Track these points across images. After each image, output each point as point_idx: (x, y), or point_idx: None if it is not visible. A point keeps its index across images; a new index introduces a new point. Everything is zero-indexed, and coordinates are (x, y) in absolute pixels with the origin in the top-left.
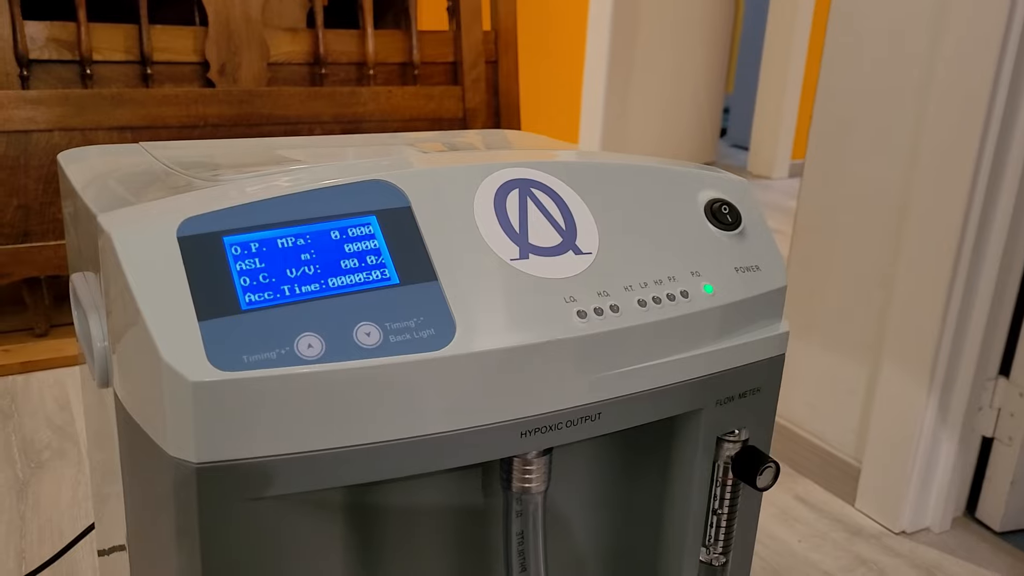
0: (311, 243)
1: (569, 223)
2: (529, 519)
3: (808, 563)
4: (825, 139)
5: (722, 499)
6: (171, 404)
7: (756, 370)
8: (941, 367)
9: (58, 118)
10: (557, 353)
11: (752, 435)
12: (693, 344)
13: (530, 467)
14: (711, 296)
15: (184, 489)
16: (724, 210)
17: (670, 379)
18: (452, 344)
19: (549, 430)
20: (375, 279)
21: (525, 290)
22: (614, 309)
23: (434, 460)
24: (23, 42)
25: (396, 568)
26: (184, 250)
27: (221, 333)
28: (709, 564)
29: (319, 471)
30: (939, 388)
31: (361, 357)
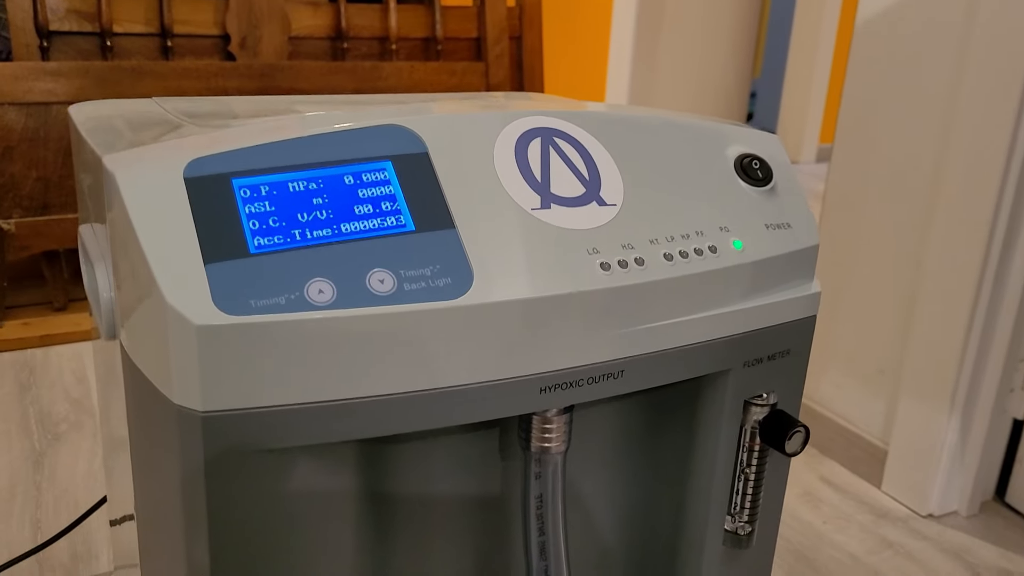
0: (323, 187)
1: (593, 174)
2: (548, 481)
3: (833, 545)
4: (855, 116)
5: (748, 465)
6: (176, 350)
7: (786, 331)
8: (972, 347)
9: (78, 90)
10: (579, 306)
11: (780, 399)
12: (721, 302)
13: (550, 426)
14: (740, 252)
15: (190, 439)
16: (755, 165)
17: (697, 338)
18: (469, 293)
19: (570, 387)
20: (390, 225)
21: (546, 240)
22: (639, 262)
23: (449, 415)
24: (43, 13)
25: (408, 530)
26: (191, 191)
27: (228, 276)
28: (734, 533)
29: (329, 423)
30: (970, 369)
31: (374, 304)
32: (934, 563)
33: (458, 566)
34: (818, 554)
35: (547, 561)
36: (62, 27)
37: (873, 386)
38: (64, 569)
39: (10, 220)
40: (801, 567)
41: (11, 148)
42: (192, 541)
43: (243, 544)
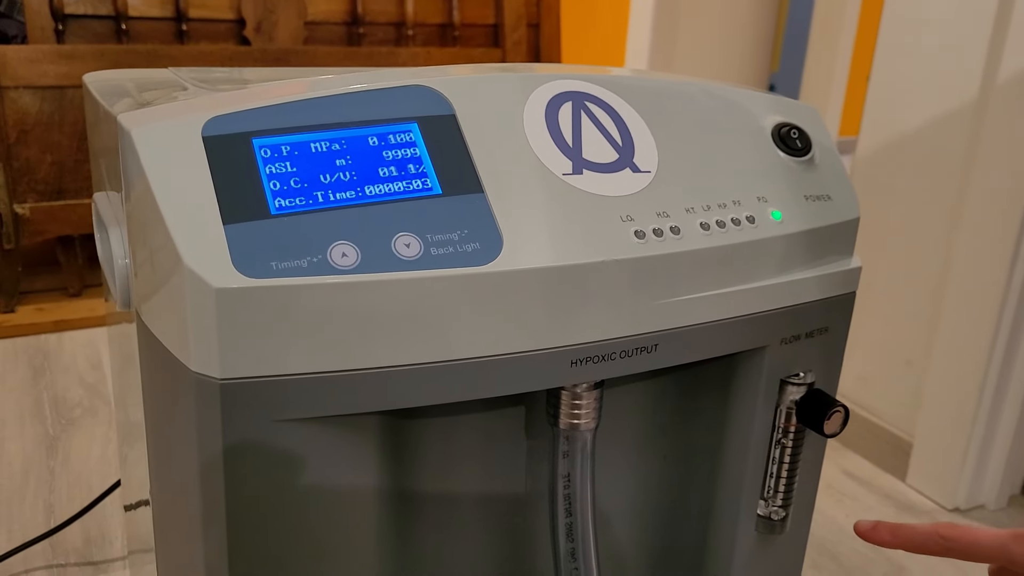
0: (346, 148)
1: (626, 140)
2: (577, 460)
3: (857, 539)
4: (883, 102)
5: (784, 447)
6: (194, 314)
7: (825, 308)
8: (1003, 336)
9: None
10: (612, 275)
11: (818, 379)
12: (758, 275)
13: (579, 402)
14: (779, 223)
15: (208, 409)
16: (793, 135)
17: (733, 312)
18: (498, 260)
19: (601, 360)
20: (416, 188)
21: (578, 207)
22: (674, 231)
23: (475, 387)
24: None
25: (430, 507)
26: (209, 150)
27: (248, 238)
28: (767, 518)
29: (351, 393)
30: (1000, 359)
31: (400, 269)
32: None
33: (481, 546)
34: (841, 547)
35: (574, 543)
36: (77, 10)
37: (899, 377)
38: (77, 553)
39: (25, 205)
40: (824, 560)
41: (26, 132)
42: (209, 515)
43: (261, 517)
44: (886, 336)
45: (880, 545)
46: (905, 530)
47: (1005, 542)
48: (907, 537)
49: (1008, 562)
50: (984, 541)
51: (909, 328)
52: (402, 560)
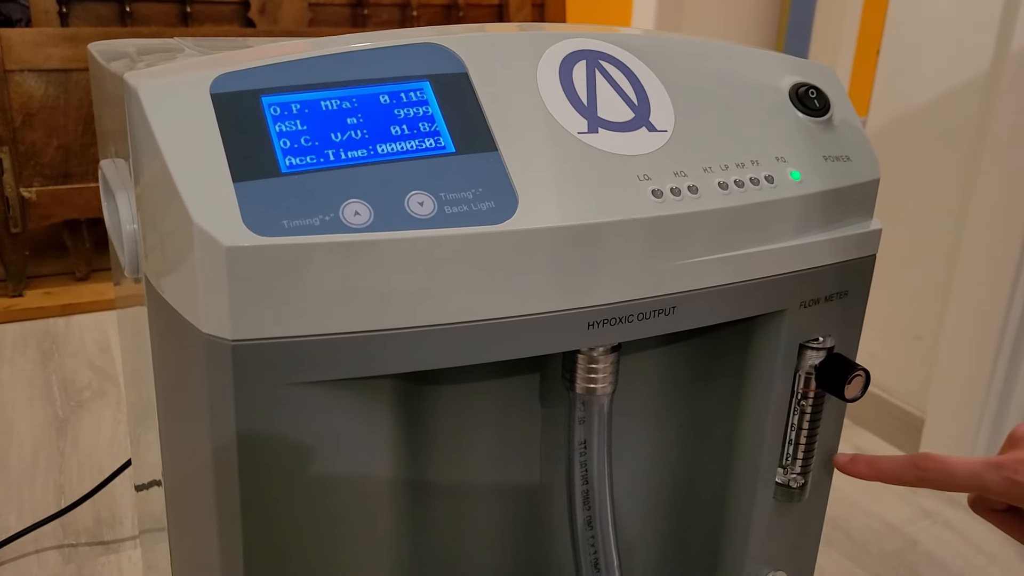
0: (357, 107)
1: (642, 99)
2: (593, 426)
3: (869, 514)
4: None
5: (803, 413)
6: (204, 274)
7: (844, 271)
8: (1016, 310)
9: None
10: (630, 234)
11: (837, 344)
12: (777, 236)
13: (596, 365)
14: (798, 184)
15: (219, 371)
16: (811, 95)
17: (752, 274)
18: (514, 218)
19: (619, 322)
20: (429, 147)
21: (594, 165)
22: (692, 190)
23: (491, 349)
24: None
25: (445, 474)
26: (218, 107)
27: (258, 196)
28: (786, 486)
29: (364, 355)
30: (1013, 333)
31: (414, 227)
32: (973, 532)
33: (497, 512)
34: (854, 522)
35: (591, 511)
36: None
37: (910, 353)
38: (88, 533)
39: (31, 189)
40: (837, 536)
41: (31, 116)
42: (222, 482)
43: (274, 483)
44: (897, 312)
45: (858, 477)
46: (882, 462)
47: (978, 471)
48: (884, 469)
49: (982, 490)
50: (958, 470)
51: (920, 304)
52: (417, 526)
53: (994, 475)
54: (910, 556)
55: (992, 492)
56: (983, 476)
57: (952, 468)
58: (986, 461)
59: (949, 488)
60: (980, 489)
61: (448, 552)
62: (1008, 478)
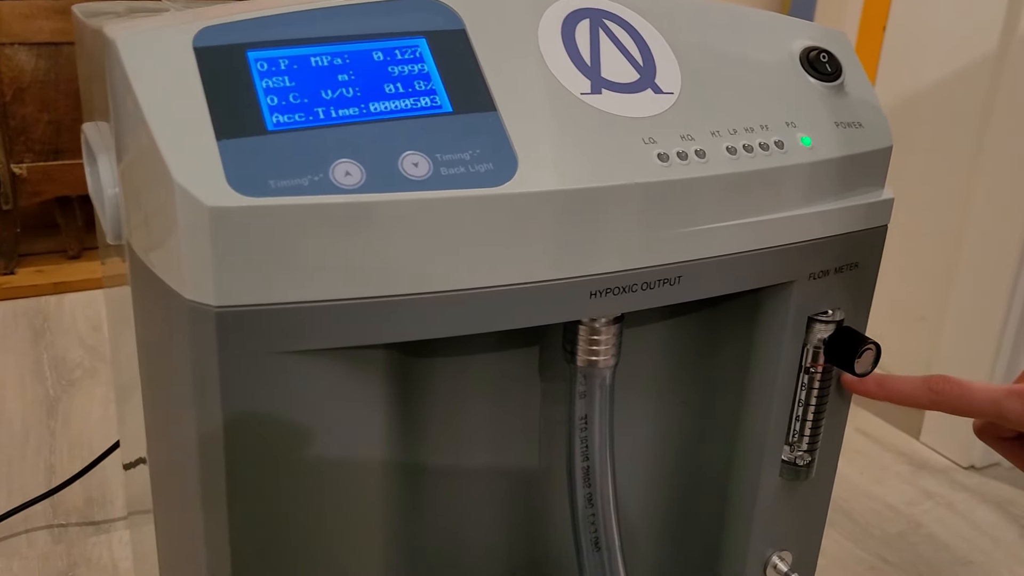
0: (349, 63)
1: (648, 60)
2: (595, 400)
3: (871, 496)
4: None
5: (811, 388)
6: (186, 236)
7: (855, 241)
8: (1020, 291)
9: None
10: (634, 199)
11: (847, 317)
12: (787, 204)
13: (598, 337)
14: (809, 150)
15: (204, 339)
16: (823, 59)
17: (760, 243)
18: (513, 181)
19: (622, 292)
20: (424, 106)
21: (598, 127)
22: (699, 154)
23: (489, 319)
24: None
25: (441, 449)
26: (201, 62)
27: (243, 154)
28: (792, 464)
29: (356, 323)
30: (1018, 314)
31: (407, 189)
32: (977, 514)
33: (494, 490)
34: (855, 504)
35: (591, 488)
36: None
37: (913, 333)
38: (78, 513)
39: (22, 165)
40: (839, 518)
41: (22, 90)
42: (207, 459)
43: (262, 459)
44: (900, 292)
45: (866, 396)
46: (894, 382)
47: (999, 397)
48: (895, 389)
49: (999, 418)
50: (978, 395)
51: (924, 284)
52: (411, 503)
53: (1015, 403)
54: (913, 538)
55: (1010, 421)
56: (1003, 403)
57: (970, 392)
58: (1008, 389)
59: (964, 413)
60: (997, 416)
61: (444, 529)
62: None
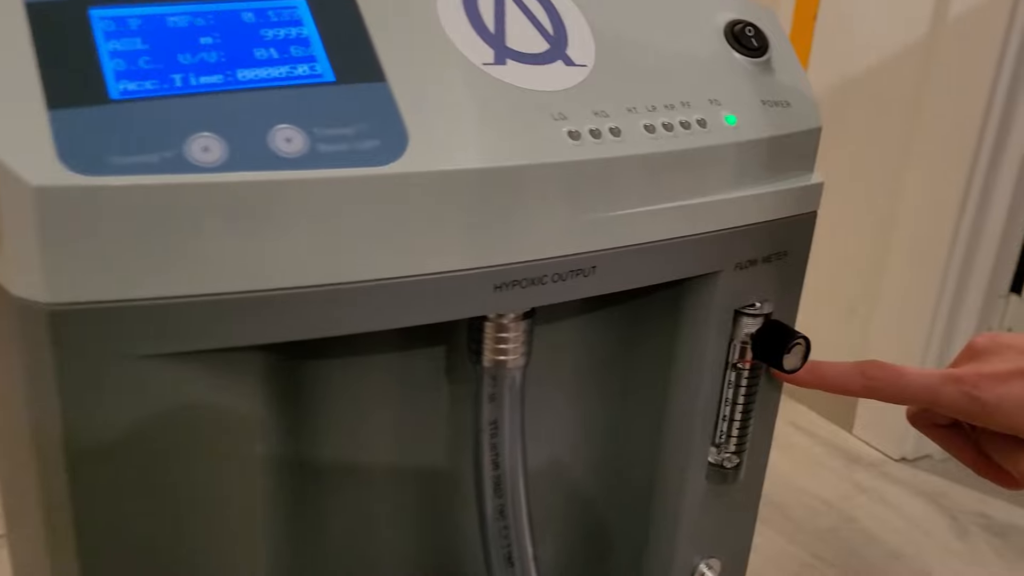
0: (214, 24)
1: (559, 29)
2: (504, 403)
3: (804, 491)
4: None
5: (738, 386)
6: (9, 221)
7: (783, 228)
8: (951, 283)
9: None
10: (542, 181)
11: (776, 310)
12: (710, 187)
13: (506, 334)
14: (734, 129)
15: (36, 342)
16: (748, 32)
17: (682, 230)
18: (403, 159)
19: (531, 284)
20: (302, 74)
21: (501, 101)
22: (614, 132)
23: (377, 316)
24: None
25: (338, 461)
26: (33, 20)
27: (80, 127)
28: (719, 466)
29: (219, 323)
30: (947, 306)
31: (278, 167)
32: (910, 508)
33: (398, 503)
34: (789, 500)
35: (503, 499)
36: None
37: (844, 326)
38: None
39: None
40: (772, 514)
41: None
42: (48, 481)
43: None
44: (831, 283)
45: (797, 384)
46: (825, 368)
47: (934, 383)
48: (826, 375)
49: (934, 404)
50: (912, 381)
51: (854, 275)
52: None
53: (951, 389)
54: (846, 533)
55: (946, 408)
56: (939, 390)
57: (904, 378)
58: (943, 374)
59: (898, 400)
60: (933, 404)
61: (344, 546)
62: (967, 393)
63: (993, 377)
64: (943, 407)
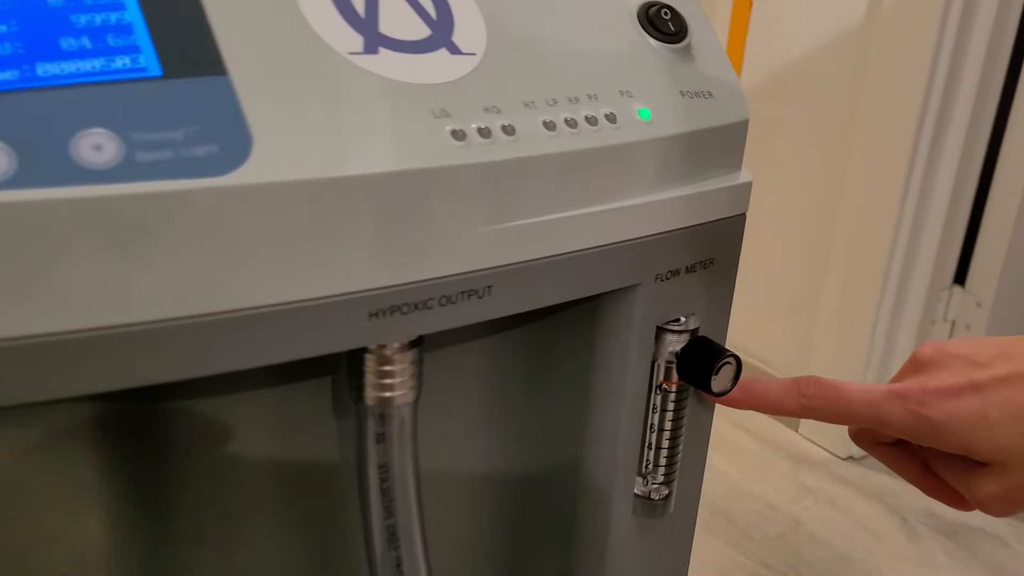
0: (9, 9)
1: (443, 12)
2: (393, 444)
3: (751, 496)
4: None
5: (664, 410)
6: None
7: (709, 234)
8: (893, 278)
9: None
10: (420, 190)
11: (703, 324)
12: (623, 191)
13: (390, 367)
14: (648, 124)
15: None
16: (665, 15)
17: (591, 241)
18: (245, 167)
19: (413, 310)
20: (121, 68)
21: (371, 96)
22: (508, 131)
23: (222, 356)
24: None
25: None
26: None
27: None
28: (647, 498)
29: (21, 373)
30: (891, 301)
31: (82, 181)
32: (858, 509)
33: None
34: (735, 506)
35: (398, 550)
36: None
37: (787, 323)
38: None
39: None
40: (718, 521)
41: None
42: None
43: None
44: (773, 280)
45: (729, 405)
46: (759, 387)
47: (877, 400)
48: (760, 395)
49: (878, 424)
50: (853, 399)
51: (797, 273)
52: None
53: (896, 407)
54: (793, 538)
55: (890, 426)
56: (882, 408)
57: (845, 395)
58: (888, 390)
59: (839, 420)
60: (876, 422)
61: None
62: (913, 411)
63: (940, 392)
64: (887, 427)
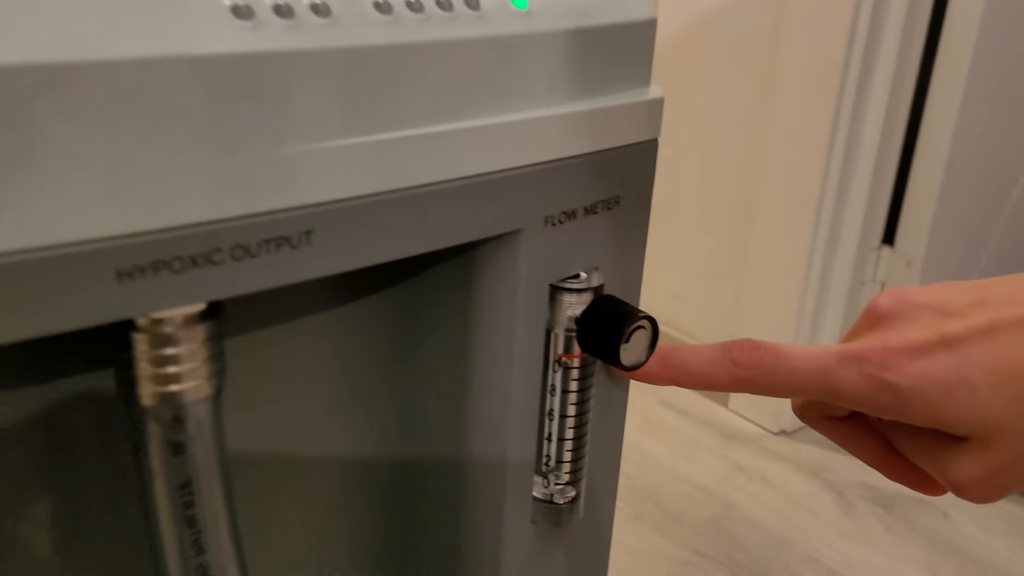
0: None
1: None
2: (195, 454)
3: (679, 477)
4: None
5: (565, 392)
6: None
7: (612, 164)
8: (821, 239)
9: None
10: (188, 89)
11: (609, 281)
12: (493, 103)
13: (172, 349)
14: (524, 15)
15: None
16: None
17: (452, 170)
18: None
19: (192, 267)
20: None
21: None
22: (320, 11)
23: None
24: None
25: None
26: None
27: None
28: (549, 502)
29: None
30: (819, 264)
31: None
32: (792, 485)
33: None
34: (665, 490)
35: None
36: None
37: (713, 293)
38: None
39: None
40: (646, 507)
41: None
42: None
43: None
44: (699, 249)
45: (646, 381)
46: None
47: (827, 365)
48: (684, 367)
49: (831, 393)
50: (799, 365)
51: (721, 240)
52: None
53: (852, 372)
54: (726, 522)
55: (845, 397)
56: (835, 374)
57: (788, 362)
58: (840, 352)
59: (781, 392)
60: (828, 393)
61: None
62: (873, 376)
63: (905, 351)
64: (841, 398)
